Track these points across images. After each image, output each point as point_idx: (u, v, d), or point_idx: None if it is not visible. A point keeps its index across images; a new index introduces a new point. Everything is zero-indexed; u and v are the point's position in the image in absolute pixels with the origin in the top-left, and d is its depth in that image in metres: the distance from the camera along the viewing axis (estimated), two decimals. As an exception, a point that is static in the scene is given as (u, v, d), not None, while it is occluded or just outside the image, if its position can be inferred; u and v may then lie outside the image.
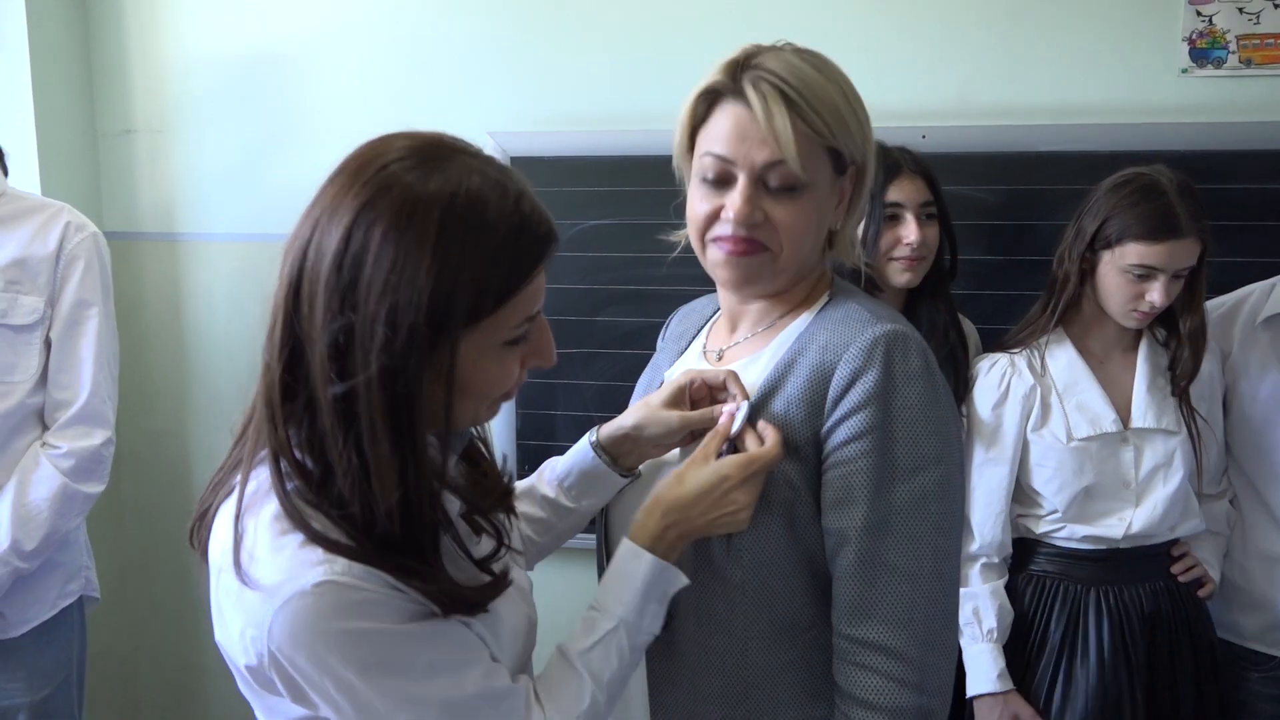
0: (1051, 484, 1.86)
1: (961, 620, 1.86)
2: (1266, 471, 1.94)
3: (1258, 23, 2.22)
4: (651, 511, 1.11)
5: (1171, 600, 1.87)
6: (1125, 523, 1.84)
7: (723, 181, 1.12)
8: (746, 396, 1.14)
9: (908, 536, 1.06)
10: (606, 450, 1.23)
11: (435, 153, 0.93)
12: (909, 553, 1.06)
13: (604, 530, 1.29)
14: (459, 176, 0.91)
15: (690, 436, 1.18)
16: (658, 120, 2.33)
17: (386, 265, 0.86)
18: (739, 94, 1.10)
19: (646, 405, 1.20)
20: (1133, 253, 1.80)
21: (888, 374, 1.06)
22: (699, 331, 1.35)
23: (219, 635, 0.98)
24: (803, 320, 1.19)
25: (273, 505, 0.92)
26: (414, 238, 0.87)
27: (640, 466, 1.25)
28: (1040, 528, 1.90)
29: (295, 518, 0.90)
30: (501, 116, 2.55)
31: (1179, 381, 1.88)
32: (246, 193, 2.76)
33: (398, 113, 2.63)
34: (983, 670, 1.86)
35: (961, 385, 1.99)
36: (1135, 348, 1.93)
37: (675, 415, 1.17)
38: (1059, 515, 1.87)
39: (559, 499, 1.27)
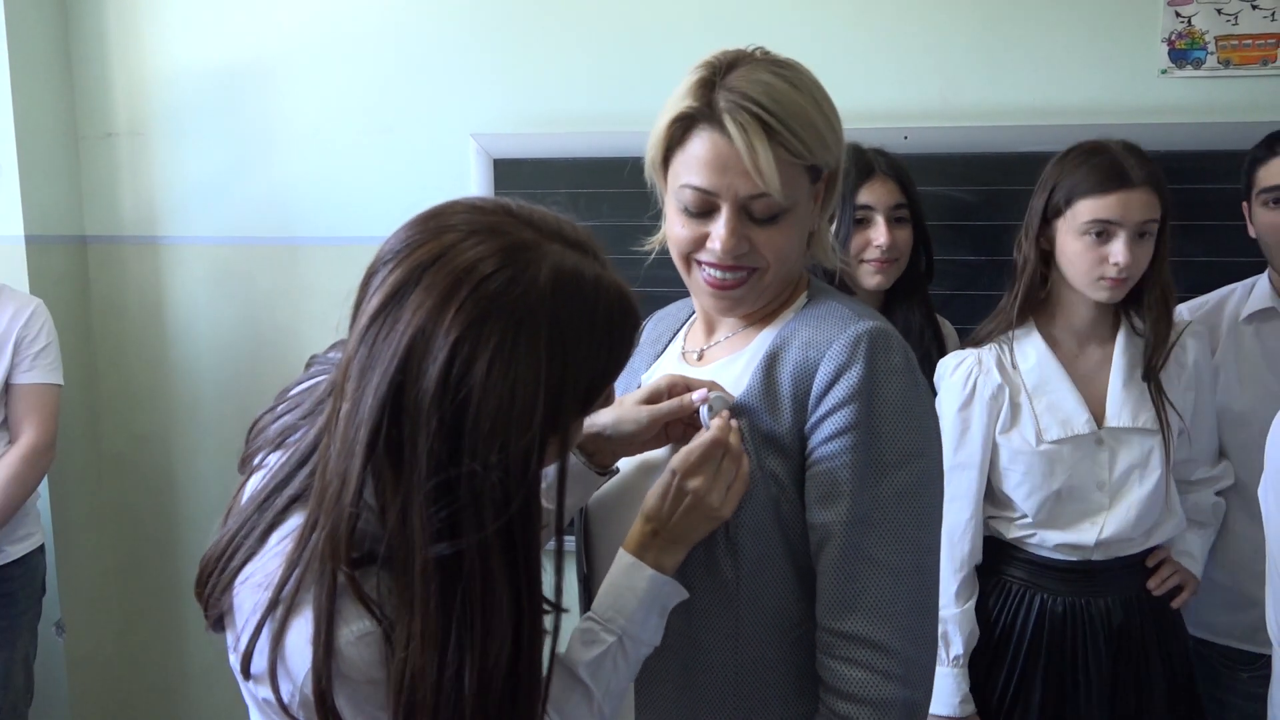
0: (1021, 488, 1.78)
1: None
2: (1249, 466, 1.91)
3: (1236, 23, 2.24)
4: (638, 518, 1.12)
5: (1142, 615, 1.80)
6: (1098, 527, 1.76)
7: (705, 211, 1.12)
8: (732, 399, 1.15)
9: (891, 531, 1.07)
10: (580, 449, 1.22)
11: (519, 248, 0.86)
12: (892, 547, 1.07)
13: (583, 530, 1.29)
14: (553, 277, 0.85)
15: (664, 433, 1.19)
16: (640, 122, 2.28)
17: (494, 404, 0.80)
18: (716, 121, 1.07)
19: (620, 404, 1.20)
20: (1085, 210, 1.70)
21: (870, 370, 1.07)
22: (675, 335, 1.35)
23: (234, 660, 0.94)
24: (783, 318, 1.19)
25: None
26: (523, 365, 0.81)
27: (619, 463, 1.25)
28: (1012, 533, 1.82)
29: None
30: (484, 119, 2.55)
31: (1150, 362, 1.78)
32: (228, 196, 2.75)
33: (381, 117, 2.62)
34: (944, 693, 1.79)
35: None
36: (1111, 340, 1.81)
37: (645, 410, 1.17)
38: (1030, 521, 1.80)
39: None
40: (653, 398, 1.18)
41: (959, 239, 2.28)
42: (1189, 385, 1.83)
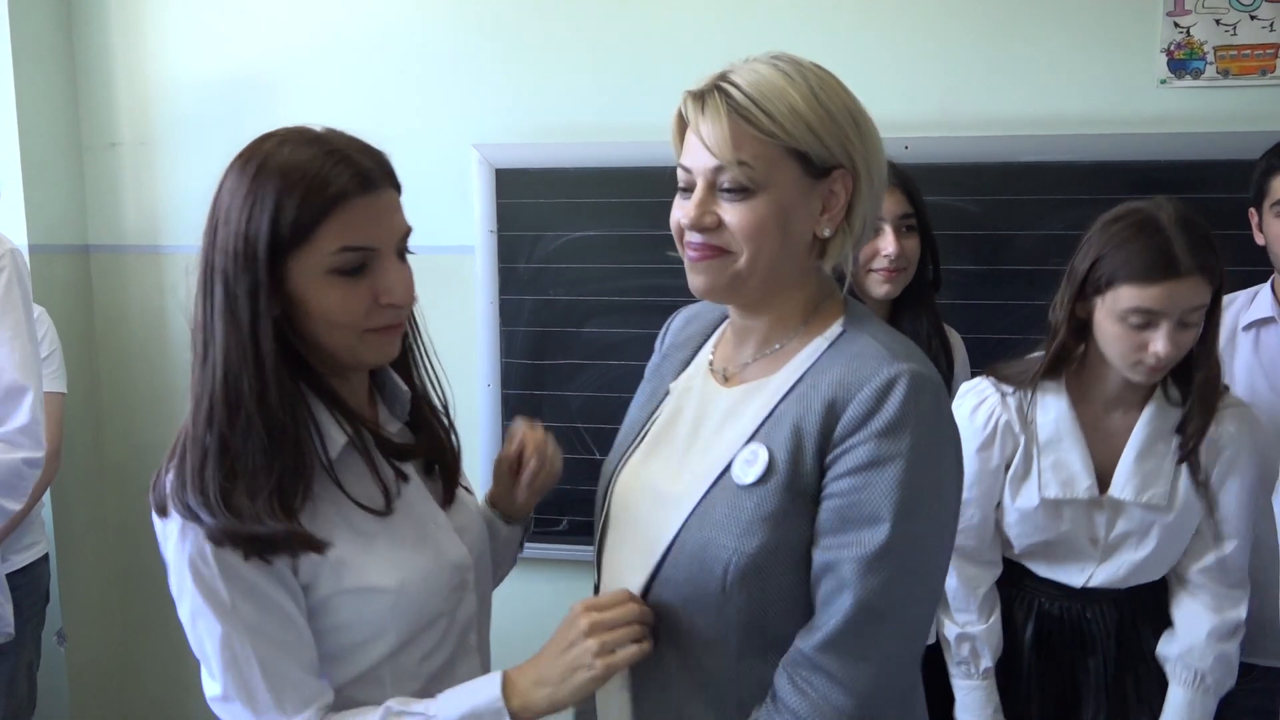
0: (1015, 528, 1.76)
1: (957, 658, 1.81)
2: None
3: (1235, 34, 2.25)
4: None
5: (1137, 612, 1.76)
6: (1086, 574, 1.74)
7: (690, 190, 1.14)
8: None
9: (889, 577, 1.04)
10: (496, 506, 1.45)
11: (291, 132, 1.15)
12: (886, 593, 1.05)
13: (600, 539, 1.29)
14: (284, 139, 1.13)
15: (515, 466, 1.41)
16: (643, 132, 2.32)
17: (223, 206, 1.12)
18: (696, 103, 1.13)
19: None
20: (1126, 296, 1.56)
21: (900, 415, 1.04)
22: (705, 340, 1.33)
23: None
24: (815, 347, 1.16)
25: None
26: (240, 185, 1.11)
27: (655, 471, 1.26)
28: (1005, 553, 1.83)
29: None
30: (487, 129, 2.56)
31: (1186, 445, 1.65)
32: (232, 205, 2.75)
33: (383, 127, 2.62)
34: (975, 706, 1.80)
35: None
36: (1141, 405, 1.69)
37: (501, 463, 1.43)
38: (1018, 553, 1.79)
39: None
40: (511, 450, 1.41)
41: (960, 248, 2.29)
42: (1223, 470, 1.68)
